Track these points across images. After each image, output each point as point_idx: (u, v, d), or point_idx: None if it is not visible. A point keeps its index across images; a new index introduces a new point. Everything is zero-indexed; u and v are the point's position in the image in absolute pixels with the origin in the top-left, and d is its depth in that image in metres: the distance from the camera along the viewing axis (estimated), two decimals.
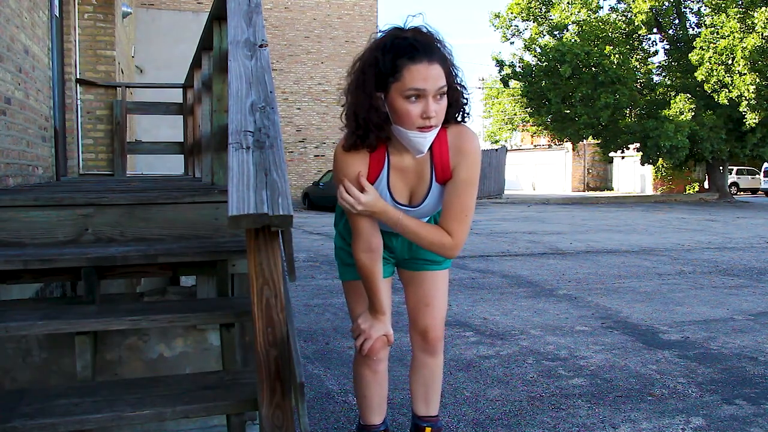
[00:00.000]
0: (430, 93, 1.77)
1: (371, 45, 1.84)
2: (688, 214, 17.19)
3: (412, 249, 2.21)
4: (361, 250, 1.97)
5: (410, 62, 1.75)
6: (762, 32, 19.96)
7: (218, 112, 3.03)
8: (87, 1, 7.30)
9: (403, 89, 1.76)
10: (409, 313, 2.30)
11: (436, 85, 1.77)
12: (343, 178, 1.91)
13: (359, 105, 1.83)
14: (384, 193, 1.96)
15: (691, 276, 6.74)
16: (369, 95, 1.81)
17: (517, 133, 36.20)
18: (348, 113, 1.88)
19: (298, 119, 24.11)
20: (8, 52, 3.79)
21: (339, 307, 5.07)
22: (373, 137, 1.86)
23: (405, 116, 1.79)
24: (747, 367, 3.56)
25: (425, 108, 1.77)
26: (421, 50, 1.76)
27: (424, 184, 1.97)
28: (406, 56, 1.76)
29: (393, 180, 1.96)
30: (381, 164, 1.93)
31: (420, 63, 1.75)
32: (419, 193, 1.99)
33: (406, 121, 1.80)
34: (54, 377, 2.43)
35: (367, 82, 1.81)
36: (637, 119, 24.90)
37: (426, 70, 1.75)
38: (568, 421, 2.81)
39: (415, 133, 1.81)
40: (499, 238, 10.56)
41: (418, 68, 1.75)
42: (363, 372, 2.24)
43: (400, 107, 1.78)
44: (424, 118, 1.78)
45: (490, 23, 26.92)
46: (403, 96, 1.77)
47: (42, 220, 2.55)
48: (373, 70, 1.80)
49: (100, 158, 7.40)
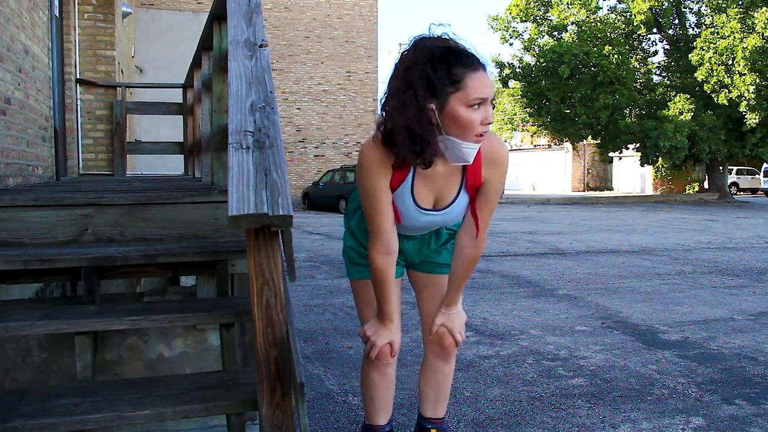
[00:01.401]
0: (490, 99, 1.77)
1: (413, 58, 1.75)
2: (688, 214, 17.20)
3: (422, 252, 2.20)
4: (378, 252, 1.94)
5: (471, 71, 1.73)
6: (762, 32, 19.96)
7: (218, 112, 3.02)
8: (87, 1, 7.30)
9: (467, 99, 1.73)
10: (422, 316, 2.28)
11: (493, 91, 1.77)
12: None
13: (411, 121, 1.75)
14: (407, 198, 1.94)
15: (691, 276, 6.74)
16: (422, 109, 1.74)
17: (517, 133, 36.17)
18: (398, 130, 1.77)
19: (298, 119, 24.11)
20: (8, 52, 3.79)
21: (339, 307, 5.07)
22: (430, 153, 1.79)
23: (468, 125, 1.75)
24: (747, 367, 3.56)
25: (486, 114, 1.76)
26: (475, 58, 1.76)
27: (451, 190, 1.96)
28: (462, 65, 1.73)
29: (417, 186, 1.93)
30: (406, 172, 1.90)
31: (479, 71, 1.74)
32: (445, 199, 1.97)
33: (468, 131, 1.76)
34: (54, 377, 2.43)
35: (420, 97, 1.74)
36: (636, 119, 24.91)
37: (485, 77, 1.75)
38: (568, 421, 2.81)
39: (469, 144, 1.78)
40: (499, 238, 10.56)
41: (479, 76, 1.74)
42: (371, 374, 2.23)
43: (464, 116, 1.74)
44: (484, 124, 1.77)
45: (488, 26, 26.92)
46: (467, 105, 1.73)
47: (42, 220, 2.55)
48: (423, 83, 1.73)
49: (100, 158, 7.40)
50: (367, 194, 1.90)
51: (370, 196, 1.90)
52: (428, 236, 2.19)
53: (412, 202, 1.95)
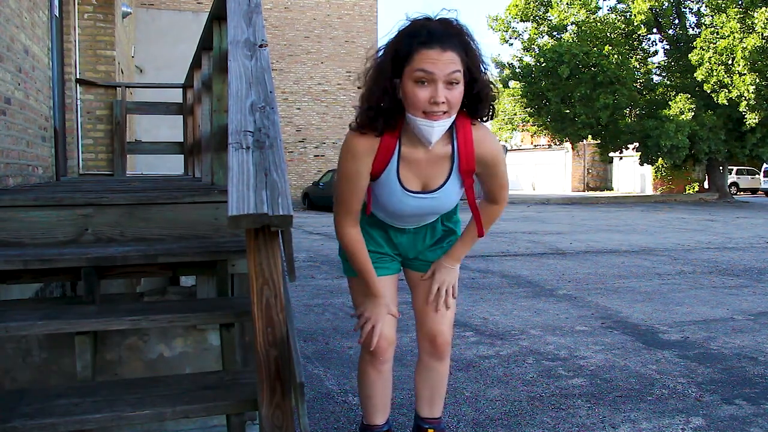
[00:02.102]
0: (440, 78, 1.75)
1: (395, 32, 1.85)
2: (688, 214, 17.20)
3: (417, 248, 2.21)
4: (349, 226, 2.03)
5: (422, 46, 1.76)
6: (762, 32, 19.97)
7: (218, 112, 3.03)
8: (87, 1, 7.30)
9: (412, 71, 1.77)
10: (416, 317, 2.29)
11: (445, 70, 1.75)
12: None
13: (374, 88, 1.84)
14: (393, 181, 1.96)
15: (691, 276, 6.74)
16: (385, 79, 1.82)
17: (517, 133, 36.16)
18: (362, 95, 1.89)
19: (298, 119, 24.10)
20: (8, 52, 3.79)
21: (339, 307, 5.07)
22: (382, 122, 1.86)
23: (413, 99, 1.78)
24: (747, 367, 3.56)
25: (434, 93, 1.76)
26: (437, 36, 1.76)
27: (440, 174, 1.98)
28: (419, 41, 1.76)
29: (403, 170, 1.95)
30: (390, 153, 1.92)
31: (432, 48, 1.75)
32: (435, 182, 1.99)
33: (414, 105, 1.79)
34: (54, 377, 2.43)
35: (385, 66, 1.82)
36: (636, 119, 24.90)
37: (438, 55, 1.75)
38: (568, 421, 2.81)
39: (423, 120, 1.80)
40: (499, 238, 10.56)
41: (429, 52, 1.75)
42: (368, 372, 2.24)
43: (409, 91, 1.78)
44: (431, 103, 1.77)
45: (488, 26, 26.92)
46: (412, 79, 1.77)
47: (42, 220, 2.55)
48: (391, 55, 1.81)
49: (100, 158, 7.40)
50: (348, 179, 1.96)
51: (349, 180, 1.96)
52: (423, 230, 2.19)
53: (398, 185, 1.97)
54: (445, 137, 1.91)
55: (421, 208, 2.04)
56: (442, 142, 1.92)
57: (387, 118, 1.86)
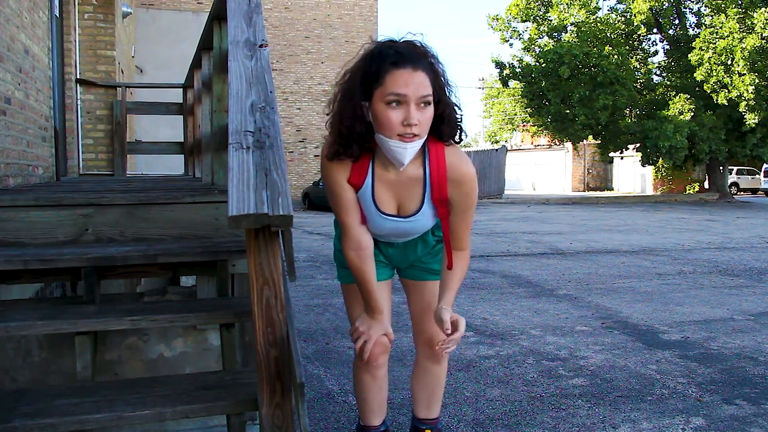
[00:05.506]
0: (412, 99, 1.74)
1: (360, 55, 1.83)
2: (688, 214, 17.20)
3: (409, 258, 2.19)
4: (350, 249, 1.98)
5: (393, 67, 1.74)
6: (761, 33, 19.96)
7: (218, 112, 3.02)
8: (87, 1, 7.30)
9: (384, 94, 1.74)
10: (413, 320, 2.29)
11: (418, 92, 1.74)
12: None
13: (344, 113, 1.81)
14: (369, 202, 1.94)
15: (691, 276, 6.74)
16: (354, 104, 1.79)
17: (517, 133, 36.21)
18: (333, 121, 1.86)
19: (298, 119, 24.11)
20: (8, 52, 3.79)
21: (339, 307, 5.07)
22: (357, 147, 1.84)
23: (386, 123, 1.76)
24: (747, 367, 3.56)
25: (406, 115, 1.74)
26: (406, 57, 1.75)
27: (414, 198, 1.95)
28: (389, 62, 1.75)
29: (378, 190, 1.93)
30: (364, 175, 1.91)
31: (403, 69, 1.74)
32: (409, 206, 1.96)
33: (387, 128, 1.76)
34: (54, 377, 2.43)
35: (354, 91, 1.79)
36: (636, 119, 24.90)
37: (409, 76, 1.73)
38: (568, 421, 2.81)
39: (395, 142, 1.77)
40: (499, 238, 10.56)
41: (400, 73, 1.73)
42: (362, 377, 2.24)
43: (381, 113, 1.76)
44: (405, 125, 1.75)
45: (488, 26, 26.90)
46: (384, 101, 1.75)
47: (42, 220, 2.55)
48: (359, 78, 1.79)
49: (100, 158, 7.40)
50: (331, 193, 1.95)
51: (333, 194, 1.95)
52: (413, 243, 2.16)
53: (373, 206, 1.95)
54: (417, 159, 1.89)
55: (398, 230, 2.03)
56: (414, 165, 1.89)
57: (361, 142, 1.84)
